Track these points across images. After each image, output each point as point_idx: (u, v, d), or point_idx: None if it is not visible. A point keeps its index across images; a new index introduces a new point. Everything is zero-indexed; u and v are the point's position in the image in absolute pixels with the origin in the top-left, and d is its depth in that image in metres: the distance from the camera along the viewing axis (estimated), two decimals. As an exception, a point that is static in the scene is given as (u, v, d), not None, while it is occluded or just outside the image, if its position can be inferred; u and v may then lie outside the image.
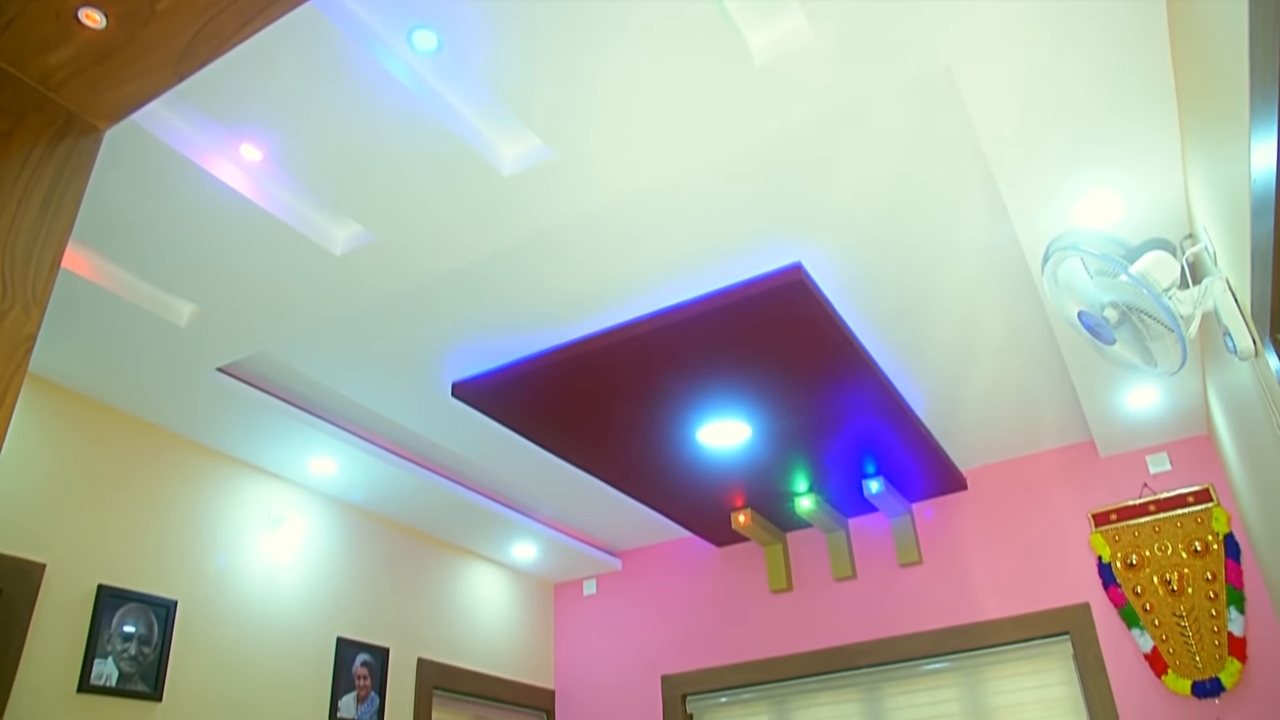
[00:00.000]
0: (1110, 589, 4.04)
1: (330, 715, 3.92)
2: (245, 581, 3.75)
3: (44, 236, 0.97)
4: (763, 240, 2.86)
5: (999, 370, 3.72)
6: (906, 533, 4.59)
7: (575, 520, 4.96)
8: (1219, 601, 3.82)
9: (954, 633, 4.35)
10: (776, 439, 3.89)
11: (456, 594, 4.85)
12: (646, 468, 4.12)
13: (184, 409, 3.48)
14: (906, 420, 3.82)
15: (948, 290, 3.20)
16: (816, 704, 4.64)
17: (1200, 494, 3.99)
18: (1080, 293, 2.57)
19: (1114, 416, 3.90)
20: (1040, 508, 4.37)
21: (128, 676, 3.23)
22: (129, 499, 3.42)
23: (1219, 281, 2.34)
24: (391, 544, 4.53)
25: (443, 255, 2.73)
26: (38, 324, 0.93)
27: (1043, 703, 4.14)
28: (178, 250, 2.67)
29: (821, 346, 3.25)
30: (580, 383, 3.45)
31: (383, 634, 4.31)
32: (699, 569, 5.15)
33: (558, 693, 5.30)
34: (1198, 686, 3.77)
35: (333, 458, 3.88)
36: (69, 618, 3.12)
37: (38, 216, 0.97)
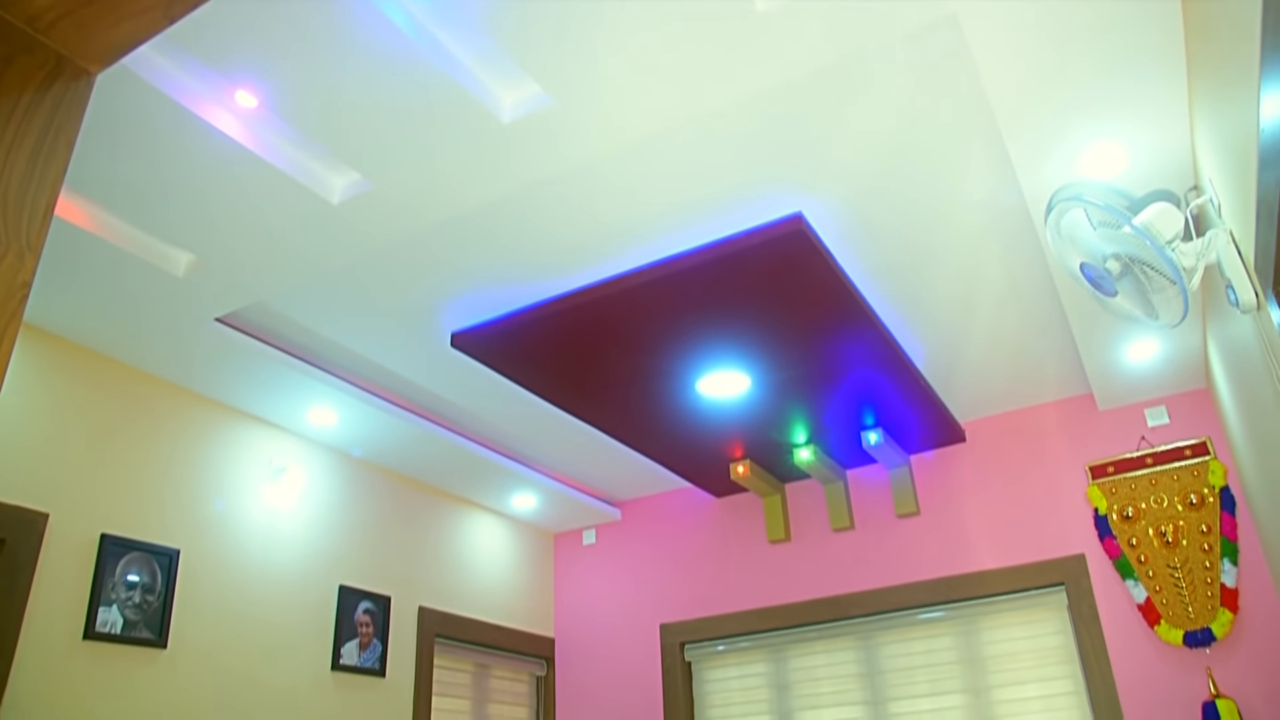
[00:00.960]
0: (1106, 541, 4.08)
1: (334, 662, 3.98)
2: (247, 531, 3.77)
3: (37, 182, 0.95)
4: (763, 190, 2.84)
5: (999, 322, 3.71)
6: (904, 484, 4.62)
7: (575, 470, 4.98)
8: (1213, 553, 3.85)
9: (950, 583, 4.39)
10: (776, 390, 3.90)
11: (457, 544, 4.89)
12: (646, 418, 4.13)
13: (183, 359, 3.47)
14: (906, 372, 3.82)
15: (949, 242, 3.18)
16: (813, 652, 4.70)
17: (1197, 447, 4.01)
18: (1083, 244, 2.55)
19: (1113, 370, 3.91)
20: (1038, 460, 4.39)
21: (132, 624, 3.26)
22: (130, 449, 3.43)
23: (1223, 234, 2.32)
24: (392, 494, 4.56)
25: (441, 204, 2.70)
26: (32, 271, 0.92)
27: (1036, 652, 4.20)
28: (174, 199, 2.64)
29: (822, 297, 3.24)
30: (580, 333, 3.44)
31: (384, 583, 4.36)
32: (698, 519, 5.19)
33: (557, 641, 5.37)
34: (1189, 636, 3.82)
35: (332, 408, 3.89)
36: (73, 566, 3.15)
37: (29, 162, 0.96)
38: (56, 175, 1.00)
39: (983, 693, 4.24)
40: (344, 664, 4.01)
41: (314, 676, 3.89)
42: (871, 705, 4.47)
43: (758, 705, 4.75)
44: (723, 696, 4.86)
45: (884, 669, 4.50)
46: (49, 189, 0.98)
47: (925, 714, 4.33)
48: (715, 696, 4.89)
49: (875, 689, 4.49)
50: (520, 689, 5.15)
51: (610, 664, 5.16)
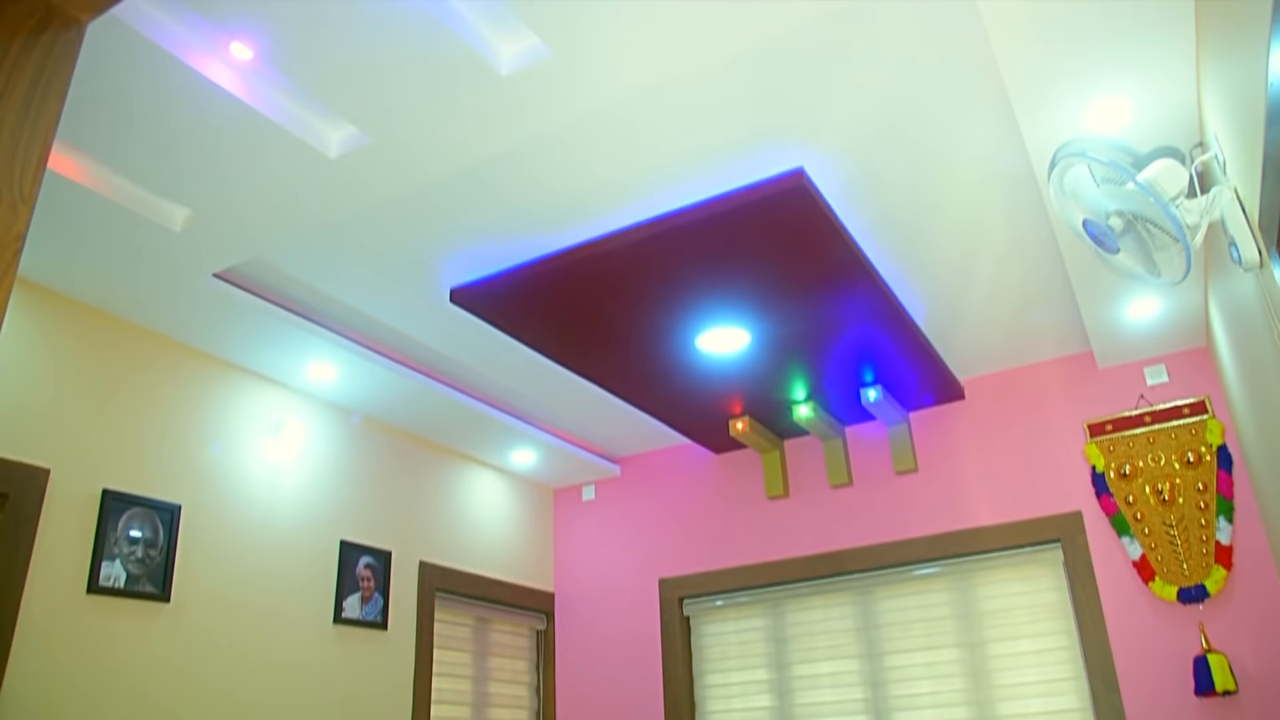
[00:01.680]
0: (1103, 498, 4.10)
1: (336, 615, 4.01)
2: (248, 486, 3.79)
3: (28, 133, 0.94)
4: (764, 144, 2.81)
5: (1000, 279, 3.70)
6: (903, 441, 4.63)
7: (574, 426, 4.99)
8: (1209, 511, 3.88)
9: (947, 539, 4.43)
10: (775, 346, 3.89)
11: (457, 499, 4.92)
12: (645, 374, 4.14)
13: (181, 315, 3.47)
14: (906, 329, 3.82)
15: (952, 197, 3.16)
16: (810, 607, 4.75)
17: (1196, 406, 4.01)
18: (1086, 200, 2.53)
19: (1114, 327, 3.90)
20: (1037, 418, 4.40)
21: (135, 578, 3.29)
22: (130, 404, 3.44)
23: (1227, 190, 2.30)
24: (392, 450, 4.57)
25: (439, 157, 2.68)
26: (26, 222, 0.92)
27: (1031, 607, 4.24)
28: (169, 153, 2.62)
29: (822, 253, 3.23)
30: (579, 288, 3.43)
31: (385, 537, 4.39)
32: (697, 475, 5.22)
33: (557, 595, 5.42)
34: (1183, 593, 3.85)
35: (331, 364, 3.88)
36: (75, 521, 3.17)
37: (20, 112, 0.94)
38: (48, 126, 0.98)
39: (977, 647, 4.29)
40: (346, 617, 4.05)
41: (317, 629, 3.93)
42: (867, 659, 4.52)
43: (755, 659, 4.81)
44: (720, 650, 4.92)
45: (880, 623, 4.54)
46: (41, 140, 0.96)
47: (920, 667, 4.39)
48: (713, 650, 4.94)
49: (871, 643, 4.54)
50: (520, 642, 5.21)
51: (609, 618, 5.22)
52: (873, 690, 4.47)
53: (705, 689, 4.90)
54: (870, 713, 4.44)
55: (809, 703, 4.60)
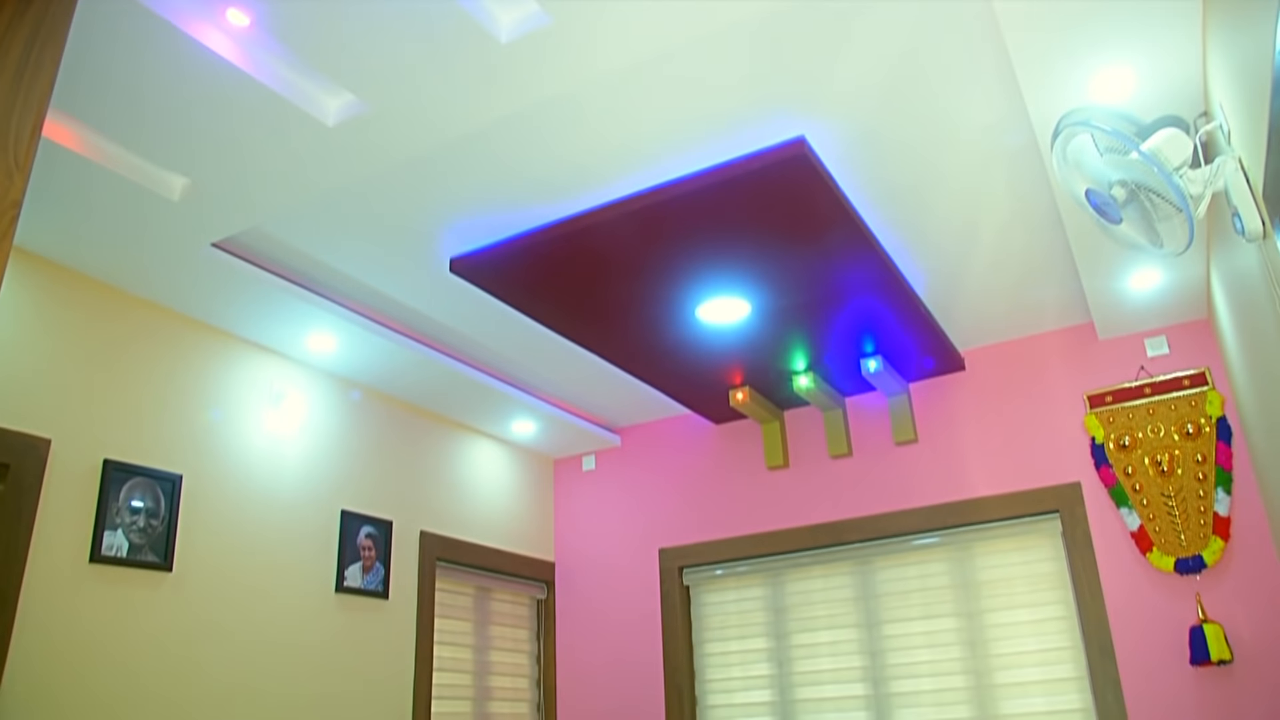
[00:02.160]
0: (1102, 469, 4.11)
1: (337, 584, 4.04)
2: (248, 456, 3.80)
3: (22, 99, 0.93)
4: (765, 113, 2.79)
5: (1002, 250, 3.68)
6: (903, 412, 4.64)
7: (574, 397, 5.00)
8: (1207, 483, 3.89)
9: (946, 509, 4.44)
10: (776, 316, 3.89)
11: (457, 469, 4.93)
12: (645, 344, 4.13)
13: (180, 285, 3.46)
14: (907, 299, 3.81)
15: (954, 167, 3.14)
16: (809, 577, 4.77)
17: (1196, 378, 4.01)
18: (1089, 170, 2.52)
19: (1115, 299, 3.89)
20: (1037, 389, 4.40)
21: (137, 548, 3.30)
22: (130, 375, 3.44)
23: (1231, 160, 2.29)
24: (393, 420, 4.58)
25: (438, 125, 2.66)
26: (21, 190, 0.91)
27: (1029, 577, 4.26)
28: (166, 121, 2.60)
29: (824, 223, 3.21)
30: (579, 258, 3.42)
31: (386, 507, 4.40)
32: (697, 445, 5.23)
33: (558, 565, 5.45)
34: (1180, 563, 3.87)
35: (332, 334, 3.88)
36: (77, 492, 3.18)
37: (14, 79, 0.93)
38: (43, 92, 0.97)
39: (975, 616, 4.32)
40: (348, 586, 4.08)
41: (319, 598, 3.95)
42: (866, 628, 4.55)
43: (754, 628, 4.84)
44: (720, 619, 4.95)
45: (879, 593, 4.57)
46: (35, 107, 0.95)
47: (918, 636, 4.42)
48: (713, 619, 4.97)
49: (870, 612, 4.57)
50: (521, 611, 5.24)
51: (609, 588, 5.25)
52: (871, 659, 4.50)
53: (705, 657, 4.94)
54: (868, 680, 4.47)
55: (808, 671, 4.64)
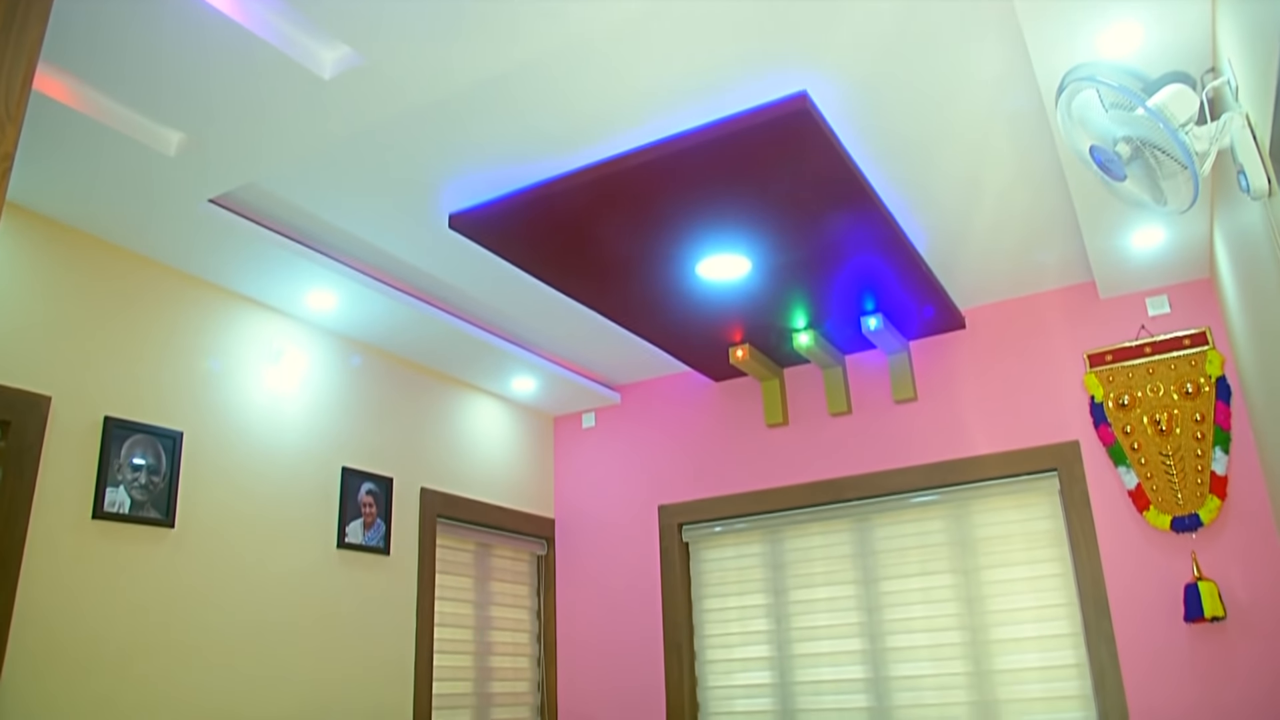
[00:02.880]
0: (1100, 428, 4.12)
1: (339, 540, 4.06)
2: (249, 414, 3.80)
3: (12, 50, 0.92)
4: (767, 67, 2.75)
5: (1004, 209, 3.66)
6: (903, 370, 4.64)
7: (574, 354, 5.00)
8: (1205, 442, 3.90)
9: (944, 467, 4.46)
10: (776, 274, 3.87)
11: (457, 426, 4.94)
12: (645, 302, 4.12)
13: (179, 242, 3.44)
14: (908, 257, 3.79)
15: (958, 124, 3.11)
16: (807, 534, 4.80)
17: (1197, 337, 4.01)
18: (1093, 126, 2.49)
19: (1117, 257, 3.87)
20: (1037, 348, 4.40)
21: (139, 504, 3.31)
22: (130, 332, 3.43)
23: (1238, 117, 2.26)
24: (393, 377, 4.58)
25: (436, 79, 2.63)
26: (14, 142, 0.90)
27: (1026, 535, 4.29)
28: (160, 75, 2.57)
29: (825, 180, 3.19)
30: (579, 214, 3.40)
31: (386, 464, 4.42)
32: (696, 403, 5.23)
33: (557, 521, 5.48)
34: (1177, 522, 3.89)
35: (331, 291, 3.87)
36: (78, 449, 3.18)
37: (3, 30, 0.92)
38: (33, 44, 0.96)
39: (972, 573, 4.35)
40: (349, 542, 4.10)
41: (320, 554, 3.98)
42: (863, 584, 4.59)
43: (753, 584, 4.88)
44: (719, 575, 4.99)
45: (876, 550, 4.60)
46: (26, 59, 0.94)
47: (915, 592, 4.46)
48: (712, 575, 5.02)
49: (867, 569, 4.60)
50: (521, 568, 5.28)
51: (609, 544, 5.28)
52: (868, 614, 4.54)
53: (704, 613, 4.98)
54: (865, 636, 4.52)
55: (805, 626, 4.69)
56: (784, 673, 4.69)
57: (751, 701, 4.74)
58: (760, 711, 4.70)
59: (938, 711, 4.28)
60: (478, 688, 4.78)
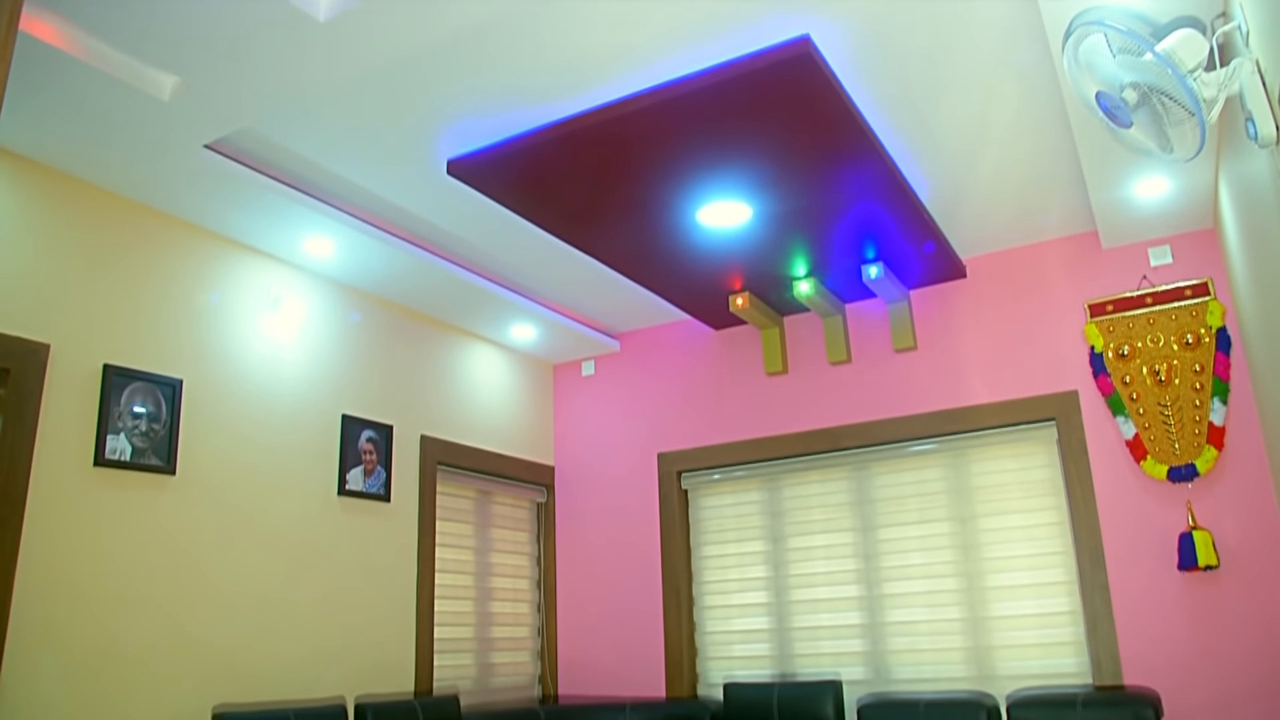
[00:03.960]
0: (1100, 378, 4.12)
1: (339, 487, 4.08)
2: (248, 361, 3.80)
3: (-3, -11, 0.89)
4: (769, 10, 2.70)
5: (1008, 156, 3.62)
6: (903, 319, 4.63)
7: (574, 302, 4.98)
8: (1204, 392, 3.90)
9: (943, 416, 4.47)
10: (777, 221, 3.84)
11: (457, 374, 4.94)
12: (645, 249, 4.10)
13: (175, 188, 3.41)
14: (910, 206, 3.76)
15: (963, 70, 3.06)
16: (806, 482, 4.83)
17: (1198, 288, 3.99)
18: (1100, 72, 2.45)
19: (1120, 207, 3.84)
20: (1038, 297, 4.38)
21: (140, 451, 3.32)
22: (127, 280, 3.41)
23: (1248, 63, 2.23)
24: (392, 325, 4.57)
25: (432, 19, 2.58)
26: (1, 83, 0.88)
27: (1023, 484, 4.31)
28: (153, 17, 2.52)
29: (828, 125, 3.15)
30: (579, 160, 3.36)
31: (386, 412, 4.43)
32: (696, 351, 5.23)
33: (557, 469, 5.51)
34: (1173, 471, 3.91)
35: (328, 238, 3.84)
36: (78, 396, 3.19)
37: (-12, -34, 0.89)
38: (19, -18, 0.93)
39: (969, 521, 4.38)
40: (350, 489, 4.12)
41: (321, 501, 4.01)
42: (861, 531, 4.63)
43: (751, 531, 4.92)
44: (718, 523, 5.03)
45: (874, 498, 4.63)
46: None
47: (912, 540, 4.49)
48: (710, 523, 5.05)
49: (865, 516, 4.63)
50: (521, 514, 5.32)
51: (609, 491, 5.31)
52: (865, 561, 4.59)
53: (702, 559, 5.03)
54: (862, 582, 4.57)
55: (803, 573, 4.73)
56: (781, 618, 4.74)
57: (749, 646, 4.80)
58: (758, 656, 4.76)
59: (932, 656, 4.34)
60: (479, 632, 4.84)
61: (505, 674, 4.96)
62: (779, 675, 4.67)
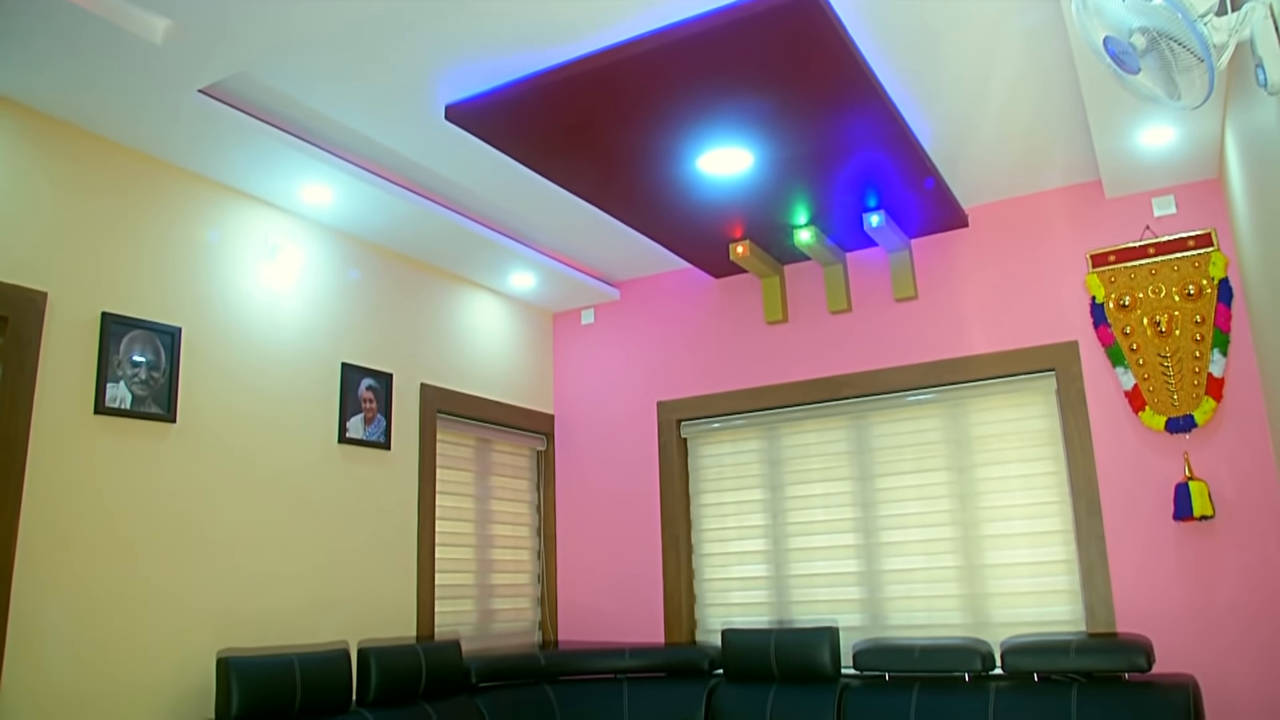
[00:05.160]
0: (1100, 329, 4.11)
1: (340, 435, 4.10)
2: (247, 309, 3.79)
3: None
4: (775, -45, 2.65)
5: (1013, 103, 3.57)
6: (904, 268, 4.60)
7: (573, 250, 4.95)
8: (1204, 344, 3.89)
9: (943, 366, 4.47)
10: (778, 168, 3.81)
11: (456, 322, 4.93)
12: (646, 196, 4.07)
13: (169, 134, 3.36)
14: (913, 153, 3.72)
15: (968, 15, 3.01)
16: (805, 431, 4.85)
17: (1201, 238, 3.96)
18: (1109, 16, 2.41)
19: (1125, 155, 3.80)
20: (1040, 247, 4.36)
21: (140, 399, 3.33)
22: (124, 227, 3.39)
23: (1261, 7, 2.19)
24: (391, 273, 4.55)
25: (430, -34, 2.53)
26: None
27: (1021, 434, 4.32)
28: (144, -44, 2.48)
29: (831, 71, 3.10)
30: (579, 105, 3.32)
31: (386, 360, 4.42)
32: (696, 300, 5.22)
33: (557, 417, 5.52)
34: (1171, 422, 3.92)
35: (326, 185, 3.81)
36: (76, 344, 3.18)
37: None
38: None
39: (966, 470, 4.41)
40: (350, 437, 4.14)
41: (322, 449, 4.02)
42: (859, 480, 4.65)
43: (750, 479, 4.94)
44: (716, 471, 5.06)
45: (873, 447, 4.65)
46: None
47: (910, 489, 4.52)
48: (709, 471, 5.08)
49: (863, 465, 4.66)
50: (521, 463, 5.34)
51: (608, 440, 5.33)
52: (863, 510, 4.62)
53: (701, 508, 5.06)
54: (860, 531, 4.60)
55: (801, 521, 4.77)
56: (779, 566, 4.79)
57: (747, 594, 4.85)
58: (756, 603, 4.81)
59: (928, 603, 4.39)
60: (479, 579, 4.89)
61: (506, 620, 5.02)
62: (776, 622, 4.73)
